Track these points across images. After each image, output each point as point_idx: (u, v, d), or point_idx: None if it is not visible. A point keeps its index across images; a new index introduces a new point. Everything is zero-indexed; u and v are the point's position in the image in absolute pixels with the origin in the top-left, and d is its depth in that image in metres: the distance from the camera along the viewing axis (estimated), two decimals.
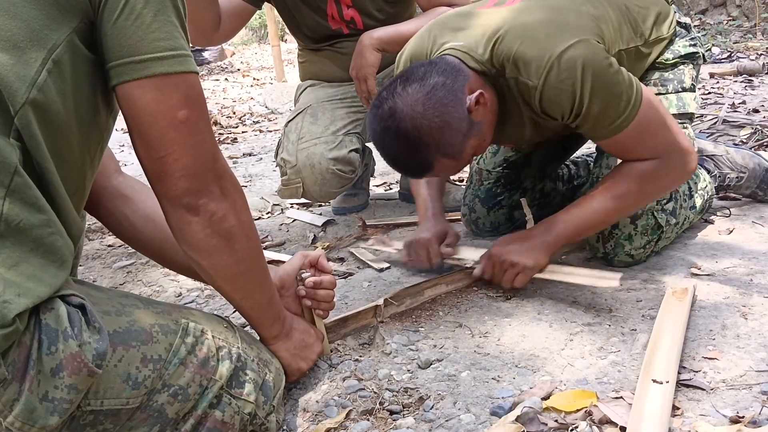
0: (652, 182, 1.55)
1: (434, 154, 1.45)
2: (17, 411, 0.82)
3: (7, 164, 0.84)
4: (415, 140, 1.42)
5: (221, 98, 6.79)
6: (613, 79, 1.44)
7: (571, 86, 1.42)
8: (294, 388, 1.30)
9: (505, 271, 1.59)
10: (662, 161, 1.53)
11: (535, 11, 1.53)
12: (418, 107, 1.41)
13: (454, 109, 1.43)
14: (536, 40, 1.45)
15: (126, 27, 0.91)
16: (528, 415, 1.10)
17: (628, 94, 1.45)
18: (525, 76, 1.46)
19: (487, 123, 1.52)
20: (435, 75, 1.44)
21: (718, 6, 7.61)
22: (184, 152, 0.96)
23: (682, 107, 1.73)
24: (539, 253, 1.58)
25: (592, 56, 1.43)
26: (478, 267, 1.65)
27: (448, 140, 1.44)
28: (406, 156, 1.47)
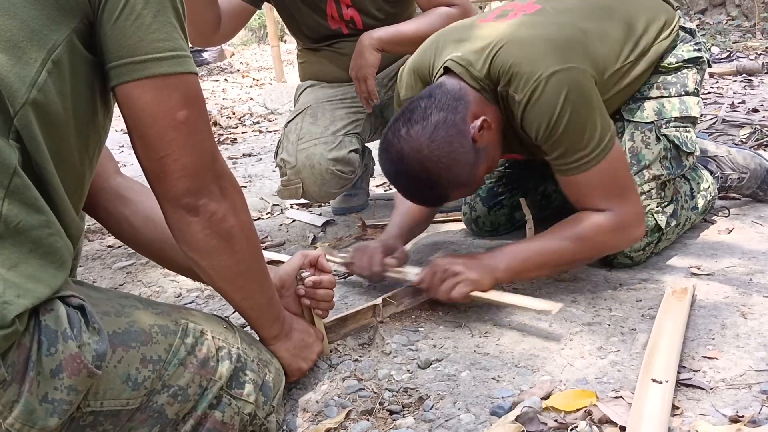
0: (605, 235, 1.53)
1: (447, 188, 1.49)
2: (17, 412, 0.82)
3: (6, 165, 0.84)
4: (427, 180, 1.47)
5: (221, 99, 6.79)
6: (591, 115, 1.47)
7: (550, 109, 1.45)
8: (294, 388, 1.30)
9: (445, 279, 1.51)
10: (617, 217, 1.52)
11: (535, 26, 1.55)
12: (424, 150, 1.44)
13: (459, 144, 1.46)
14: (531, 57, 1.47)
15: (126, 27, 0.91)
16: (528, 414, 1.10)
17: (601, 135, 1.47)
18: (513, 89, 1.49)
19: (494, 144, 1.54)
20: (436, 112, 1.46)
21: (717, 6, 7.61)
22: (184, 153, 0.96)
23: (685, 111, 1.72)
24: (485, 273, 1.51)
25: (578, 86, 1.45)
26: (417, 275, 1.58)
27: (458, 174, 1.48)
28: (421, 193, 1.54)
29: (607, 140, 1.48)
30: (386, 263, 1.68)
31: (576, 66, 1.47)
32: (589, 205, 1.53)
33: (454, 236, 2.13)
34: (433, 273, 1.53)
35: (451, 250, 2.00)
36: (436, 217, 2.28)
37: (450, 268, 1.51)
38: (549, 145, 1.49)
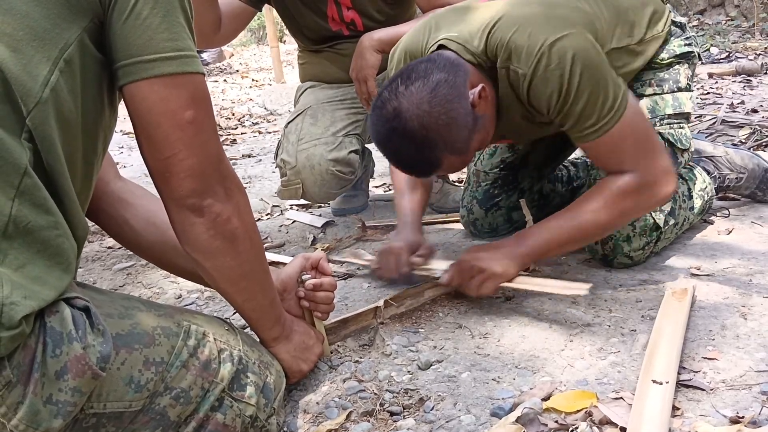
0: (631, 199, 1.50)
1: (442, 152, 1.43)
2: (21, 414, 0.82)
3: (17, 165, 0.84)
4: (423, 139, 1.40)
5: (220, 99, 6.79)
6: (602, 76, 1.44)
7: (559, 76, 1.41)
8: (294, 389, 1.30)
9: (472, 277, 1.53)
10: (641, 178, 1.49)
11: (529, 5, 1.53)
12: (424, 105, 1.39)
13: (459, 104, 1.41)
14: (529, 29, 1.44)
15: (135, 27, 0.91)
16: (528, 415, 1.11)
17: (615, 94, 1.44)
18: (515, 63, 1.45)
19: (489, 116, 1.51)
20: (436, 71, 1.42)
21: (716, 6, 7.62)
22: (190, 153, 0.96)
23: (678, 107, 1.73)
24: (509, 261, 1.53)
25: (583, 48, 1.42)
26: (445, 275, 1.59)
27: (456, 136, 1.42)
28: (413, 156, 1.45)
29: (621, 98, 1.45)
30: (413, 262, 1.69)
31: (576, 31, 1.44)
32: (616, 167, 1.50)
33: (454, 237, 2.13)
34: (460, 272, 1.56)
35: (451, 251, 2.00)
36: (436, 218, 2.29)
37: (476, 265, 1.53)
38: (563, 115, 1.46)
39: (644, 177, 1.49)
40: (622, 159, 1.49)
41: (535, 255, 1.56)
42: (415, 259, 1.69)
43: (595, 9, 1.58)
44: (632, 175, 1.48)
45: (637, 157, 1.48)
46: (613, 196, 1.50)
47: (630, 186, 1.49)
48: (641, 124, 1.50)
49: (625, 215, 1.55)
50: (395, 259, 1.69)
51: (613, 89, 1.44)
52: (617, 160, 1.49)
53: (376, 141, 1.48)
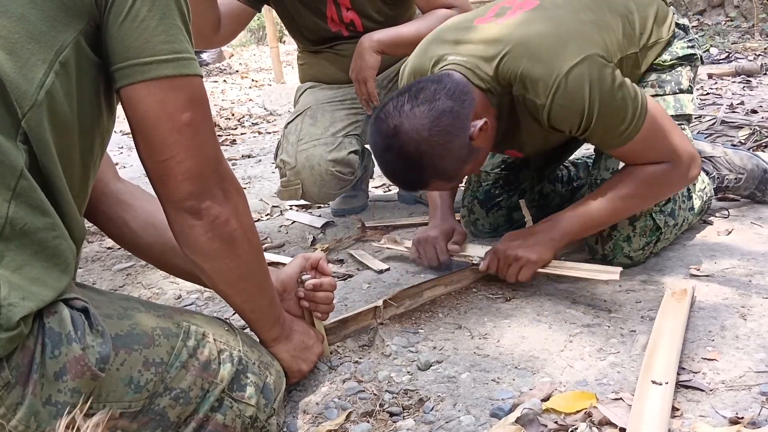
0: (658, 184, 1.59)
1: (432, 177, 1.50)
2: (20, 415, 0.82)
3: (13, 167, 0.84)
4: (416, 162, 1.46)
5: (220, 100, 6.79)
6: (619, 95, 1.47)
7: (579, 105, 1.46)
8: (294, 390, 1.30)
9: (509, 265, 1.61)
10: (668, 165, 1.56)
11: (536, 24, 1.54)
12: (424, 132, 1.43)
13: (457, 137, 1.46)
14: (542, 58, 1.47)
15: (131, 29, 0.91)
16: (528, 416, 1.11)
17: (634, 107, 1.49)
18: (533, 94, 1.49)
19: (485, 149, 1.56)
20: (444, 98, 1.45)
21: (716, 7, 7.62)
22: (188, 155, 0.96)
23: (680, 108, 1.73)
24: (543, 248, 1.61)
25: (597, 74, 1.46)
26: (483, 262, 1.68)
27: (448, 166, 1.49)
28: (403, 174, 1.51)
29: (640, 106, 1.49)
30: (451, 249, 1.77)
31: (587, 54, 1.46)
32: (646, 162, 1.57)
33: None
34: (497, 260, 1.64)
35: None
36: None
37: (512, 253, 1.61)
38: (588, 135, 1.53)
39: (674, 167, 1.57)
40: (652, 155, 1.56)
41: (570, 238, 1.64)
42: (452, 246, 1.78)
43: (600, 16, 1.59)
44: (664, 166, 1.56)
45: (664, 149, 1.55)
46: (643, 183, 1.58)
47: (659, 173, 1.57)
48: (663, 120, 1.55)
49: (656, 198, 1.66)
50: (433, 248, 1.78)
51: (632, 101, 1.49)
52: (647, 156, 1.57)
53: (371, 149, 1.54)
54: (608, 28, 1.59)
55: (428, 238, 1.80)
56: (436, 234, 1.80)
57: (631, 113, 1.48)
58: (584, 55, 1.46)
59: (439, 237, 1.79)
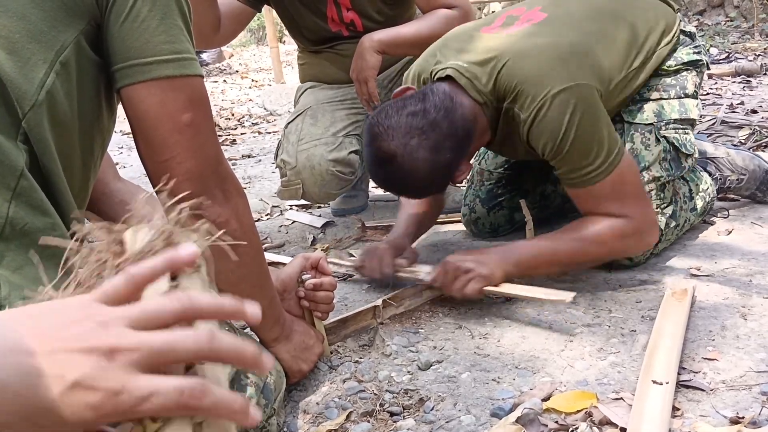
0: (621, 239, 1.55)
1: (425, 193, 1.61)
2: None
3: (13, 167, 0.84)
4: (408, 183, 1.52)
5: (220, 100, 6.79)
6: (598, 132, 1.48)
7: (557, 126, 1.46)
8: (294, 390, 1.30)
9: (457, 277, 1.53)
10: (633, 223, 1.54)
11: (541, 37, 1.56)
12: (419, 173, 1.48)
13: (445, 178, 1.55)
14: (537, 74, 1.49)
15: (132, 29, 0.91)
16: (528, 416, 1.10)
17: (609, 150, 1.49)
18: (519, 107, 1.51)
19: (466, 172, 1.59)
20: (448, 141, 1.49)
21: (716, 7, 7.62)
22: (188, 155, 0.96)
23: (684, 113, 1.73)
24: (496, 267, 1.53)
25: (584, 103, 1.46)
26: (430, 274, 1.61)
27: (439, 182, 1.56)
28: (398, 190, 1.63)
29: (615, 154, 1.49)
30: (397, 263, 1.70)
31: (581, 83, 1.47)
32: (599, 213, 1.55)
33: (454, 237, 2.13)
34: (445, 271, 1.56)
35: (451, 251, 1.99)
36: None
37: (462, 266, 1.54)
38: (557, 161, 1.52)
39: (636, 224, 1.55)
40: (610, 207, 1.53)
41: (521, 267, 1.57)
42: (399, 261, 1.71)
43: (608, 33, 1.60)
44: (627, 221, 1.54)
45: (625, 205, 1.53)
46: (608, 235, 1.54)
47: (624, 228, 1.54)
48: (632, 179, 1.55)
49: (612, 254, 1.63)
50: (379, 259, 1.71)
51: (608, 145, 1.49)
52: (605, 207, 1.54)
53: (367, 166, 1.58)
54: (614, 46, 1.61)
55: (376, 249, 1.75)
56: (384, 247, 1.75)
57: (605, 155, 1.48)
58: (578, 82, 1.47)
59: (387, 250, 1.73)
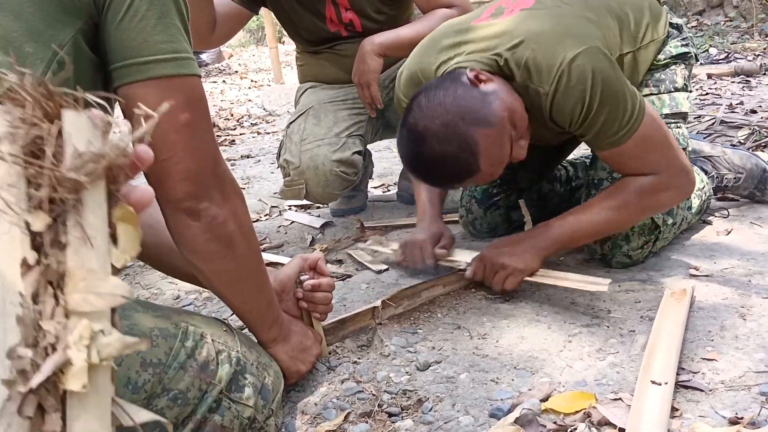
0: (651, 197, 1.56)
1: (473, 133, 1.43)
2: None
3: None
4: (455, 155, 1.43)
5: (219, 100, 6.79)
6: (620, 88, 1.47)
7: (581, 93, 1.45)
8: (292, 390, 1.30)
9: (496, 273, 1.59)
10: (661, 178, 1.54)
11: (537, 19, 1.55)
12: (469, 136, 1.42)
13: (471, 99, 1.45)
14: (545, 47, 1.47)
15: (130, 29, 0.91)
16: (527, 416, 1.10)
17: (633, 105, 1.48)
18: (536, 83, 1.49)
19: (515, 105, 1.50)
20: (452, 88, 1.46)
21: (715, 7, 7.62)
22: (186, 155, 0.96)
23: (675, 107, 1.74)
24: (531, 256, 1.58)
25: (600, 64, 1.46)
26: (469, 269, 1.65)
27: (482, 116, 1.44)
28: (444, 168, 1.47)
29: (639, 106, 1.49)
30: (438, 254, 1.74)
31: (589, 45, 1.47)
32: (636, 171, 1.55)
33: None
34: (483, 267, 1.61)
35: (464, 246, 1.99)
36: None
37: (498, 261, 1.58)
38: (585, 127, 1.50)
39: (665, 177, 1.54)
40: (643, 164, 1.53)
41: (559, 247, 1.62)
42: (439, 250, 1.75)
43: (600, 18, 1.59)
44: (656, 178, 1.54)
45: (657, 160, 1.53)
46: (635, 195, 1.55)
47: (652, 186, 1.54)
48: (659, 128, 1.53)
49: (646, 213, 1.62)
50: (420, 252, 1.75)
51: (631, 99, 1.48)
52: (638, 164, 1.54)
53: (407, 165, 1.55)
54: (608, 28, 1.60)
55: (415, 241, 1.78)
56: (423, 237, 1.78)
57: (630, 109, 1.47)
58: (586, 45, 1.46)
59: (427, 241, 1.77)
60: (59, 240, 0.46)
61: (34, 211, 0.45)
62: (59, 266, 0.45)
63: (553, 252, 1.62)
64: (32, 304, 0.44)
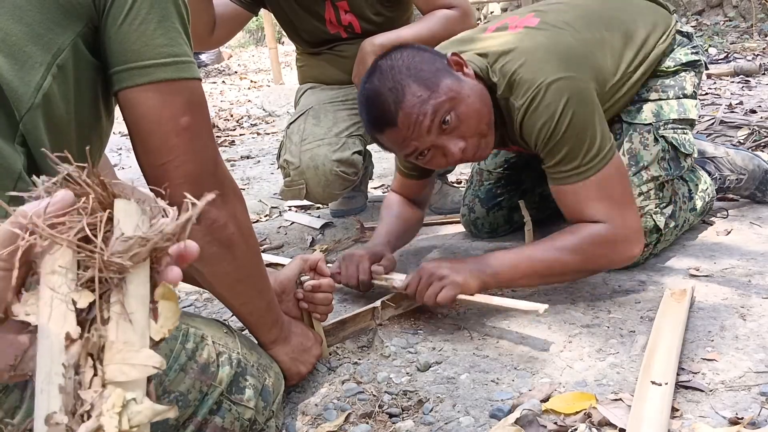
0: (604, 248, 1.50)
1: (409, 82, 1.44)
2: (19, 418, 0.82)
3: (11, 170, 0.83)
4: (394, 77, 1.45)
5: (219, 101, 6.79)
6: (592, 123, 1.47)
7: (551, 112, 1.45)
8: (293, 391, 1.30)
9: (431, 283, 1.48)
10: (615, 230, 1.48)
11: (537, 38, 1.56)
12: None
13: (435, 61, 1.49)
14: (533, 65, 1.48)
15: (130, 32, 0.91)
16: (527, 417, 1.10)
17: (601, 145, 1.46)
18: (514, 96, 1.49)
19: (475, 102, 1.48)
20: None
21: (714, 7, 7.62)
22: (186, 159, 0.96)
23: (683, 113, 1.73)
24: (471, 276, 1.48)
25: (580, 93, 1.46)
26: (403, 280, 1.55)
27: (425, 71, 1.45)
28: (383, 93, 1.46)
29: (607, 150, 1.47)
30: (374, 270, 1.65)
31: (577, 76, 1.48)
32: (585, 217, 1.49)
33: (453, 238, 2.13)
34: (418, 278, 1.50)
35: (449, 252, 2.00)
36: (435, 219, 2.28)
37: (436, 272, 1.48)
38: (548, 151, 1.49)
39: (618, 231, 1.49)
40: (595, 209, 1.48)
41: (498, 278, 1.50)
42: (376, 267, 1.66)
43: (603, 37, 1.61)
44: (607, 227, 1.48)
45: (609, 209, 1.48)
46: (587, 242, 1.49)
47: (605, 236, 1.48)
48: (622, 181, 1.51)
49: (593, 264, 1.54)
50: (356, 266, 1.66)
51: (600, 139, 1.47)
52: (589, 208, 1.49)
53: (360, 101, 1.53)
54: (608, 50, 1.61)
55: (353, 255, 1.70)
56: (362, 253, 1.70)
57: (597, 149, 1.45)
58: (573, 74, 1.47)
59: (365, 257, 1.68)
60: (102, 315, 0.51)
61: (81, 290, 0.51)
62: (100, 339, 0.50)
63: (495, 283, 1.51)
64: (74, 374, 0.49)
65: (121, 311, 0.51)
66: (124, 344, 0.51)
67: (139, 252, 0.52)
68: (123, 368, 0.50)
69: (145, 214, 0.56)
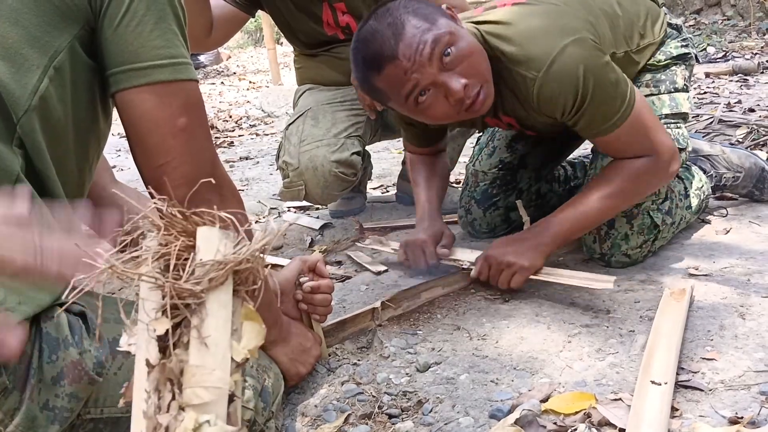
0: (642, 179, 1.59)
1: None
2: (18, 420, 0.82)
3: (9, 172, 0.83)
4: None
5: (217, 102, 6.79)
6: (612, 78, 1.49)
7: (573, 82, 1.46)
8: (292, 392, 1.30)
9: (501, 271, 1.60)
10: (653, 159, 1.57)
11: (527, 10, 1.56)
12: None
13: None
14: (536, 36, 1.49)
15: (127, 34, 0.91)
16: (527, 417, 1.10)
17: (624, 93, 1.50)
18: (525, 68, 1.49)
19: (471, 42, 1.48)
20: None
21: (712, 6, 7.62)
22: (184, 160, 0.96)
23: (675, 107, 1.74)
24: (535, 254, 1.59)
25: (591, 54, 1.47)
26: (474, 269, 1.66)
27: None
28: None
29: (630, 92, 1.51)
30: (440, 253, 1.75)
31: (581, 36, 1.48)
32: (627, 155, 1.58)
33: None
34: (488, 266, 1.62)
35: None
36: None
37: (503, 260, 1.59)
38: (577, 117, 1.52)
39: (659, 158, 1.57)
40: (636, 147, 1.56)
41: (559, 243, 1.64)
42: (441, 250, 1.75)
43: (589, 17, 1.60)
44: (648, 159, 1.57)
45: (646, 143, 1.56)
46: (630, 180, 1.58)
47: (646, 168, 1.58)
48: (649, 111, 1.57)
49: (642, 195, 1.65)
50: (421, 252, 1.75)
51: (622, 87, 1.50)
52: (631, 148, 1.57)
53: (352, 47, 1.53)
54: (603, 27, 1.60)
55: (416, 241, 1.78)
56: (424, 237, 1.78)
57: (621, 98, 1.50)
58: (578, 35, 1.48)
59: (428, 240, 1.77)
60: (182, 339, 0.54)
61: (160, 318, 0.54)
62: (180, 364, 0.53)
63: (556, 248, 1.64)
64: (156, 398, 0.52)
65: (198, 335, 0.53)
66: (197, 368, 0.52)
67: (215, 276, 0.54)
68: (197, 391, 0.52)
69: (228, 239, 0.58)
